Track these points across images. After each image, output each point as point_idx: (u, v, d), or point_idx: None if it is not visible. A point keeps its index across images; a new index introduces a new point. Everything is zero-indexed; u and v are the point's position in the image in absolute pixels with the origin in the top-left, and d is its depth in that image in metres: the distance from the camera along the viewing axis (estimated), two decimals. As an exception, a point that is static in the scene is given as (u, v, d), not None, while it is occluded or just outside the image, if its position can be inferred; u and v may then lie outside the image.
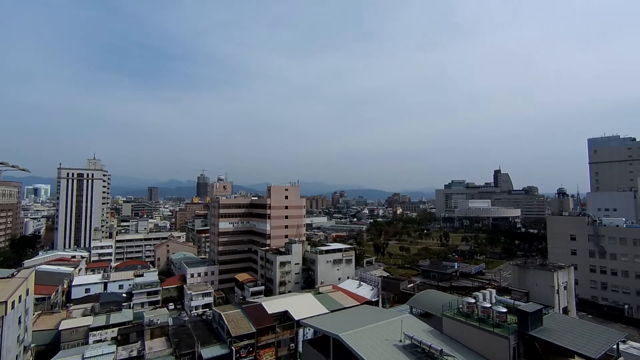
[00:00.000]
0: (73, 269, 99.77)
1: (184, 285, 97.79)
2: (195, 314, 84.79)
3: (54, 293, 78.74)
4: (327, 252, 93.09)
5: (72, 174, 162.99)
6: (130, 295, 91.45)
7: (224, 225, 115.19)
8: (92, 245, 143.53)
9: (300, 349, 56.95)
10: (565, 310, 54.06)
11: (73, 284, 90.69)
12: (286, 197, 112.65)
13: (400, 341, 34.26)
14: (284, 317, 63.81)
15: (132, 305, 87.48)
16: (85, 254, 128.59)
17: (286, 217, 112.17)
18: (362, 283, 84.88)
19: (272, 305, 65.90)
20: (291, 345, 61.28)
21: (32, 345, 52.85)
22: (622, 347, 38.09)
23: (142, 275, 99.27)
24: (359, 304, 68.08)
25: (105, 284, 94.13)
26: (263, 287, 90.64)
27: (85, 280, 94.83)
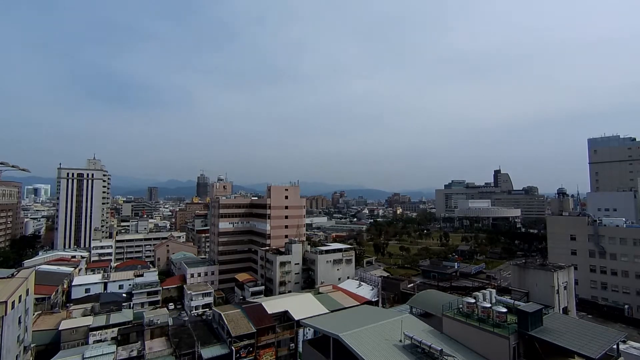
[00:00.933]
0: (73, 269, 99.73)
1: (184, 285, 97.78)
2: (195, 314, 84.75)
3: (54, 293, 78.68)
4: (327, 252, 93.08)
5: (72, 174, 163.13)
6: (130, 295, 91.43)
7: (224, 225, 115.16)
8: (92, 245, 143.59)
9: (300, 349, 56.88)
10: (565, 310, 54.08)
11: (73, 284, 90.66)
12: (286, 197, 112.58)
13: (400, 341, 34.26)
14: (284, 317, 63.79)
15: (132, 305, 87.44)
16: (85, 254, 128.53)
17: (286, 217, 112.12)
18: (362, 283, 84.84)
19: (272, 305, 65.90)
20: (291, 345, 61.32)
21: (32, 345, 52.85)
22: (622, 347, 38.09)
23: (142, 275, 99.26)
24: (359, 304, 68.00)
25: (105, 284, 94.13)
26: (263, 287, 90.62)
27: (85, 280, 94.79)
